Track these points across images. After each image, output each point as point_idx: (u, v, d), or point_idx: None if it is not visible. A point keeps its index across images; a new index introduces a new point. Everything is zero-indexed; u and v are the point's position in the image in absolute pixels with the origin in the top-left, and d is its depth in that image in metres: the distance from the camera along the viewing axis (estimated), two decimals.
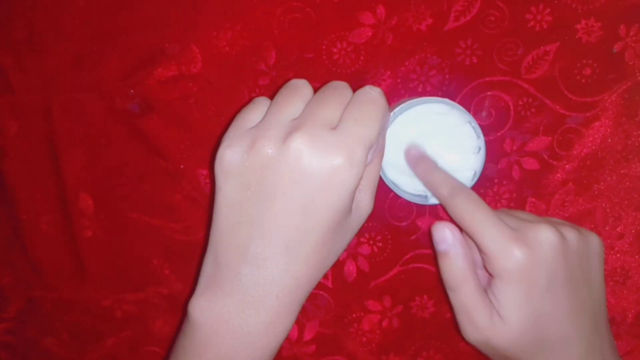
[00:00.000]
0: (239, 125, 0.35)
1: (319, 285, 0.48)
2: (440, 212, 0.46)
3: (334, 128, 0.33)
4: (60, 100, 0.49)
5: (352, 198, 0.34)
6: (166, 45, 0.46)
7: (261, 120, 0.35)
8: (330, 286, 0.48)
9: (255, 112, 0.36)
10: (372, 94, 0.35)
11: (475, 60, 0.44)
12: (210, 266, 0.36)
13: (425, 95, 0.44)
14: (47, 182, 0.50)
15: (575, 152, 0.44)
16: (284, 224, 0.33)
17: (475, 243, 0.35)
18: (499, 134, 0.45)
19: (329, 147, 0.32)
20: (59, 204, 0.50)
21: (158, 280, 0.51)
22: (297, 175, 0.33)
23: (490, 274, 0.35)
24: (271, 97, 0.46)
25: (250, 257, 0.34)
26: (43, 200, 0.51)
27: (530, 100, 0.44)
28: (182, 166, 0.48)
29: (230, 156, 0.34)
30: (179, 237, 0.50)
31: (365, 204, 0.37)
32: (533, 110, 0.44)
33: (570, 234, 0.35)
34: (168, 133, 0.48)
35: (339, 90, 0.36)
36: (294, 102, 0.35)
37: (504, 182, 0.45)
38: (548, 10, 0.43)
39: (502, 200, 0.45)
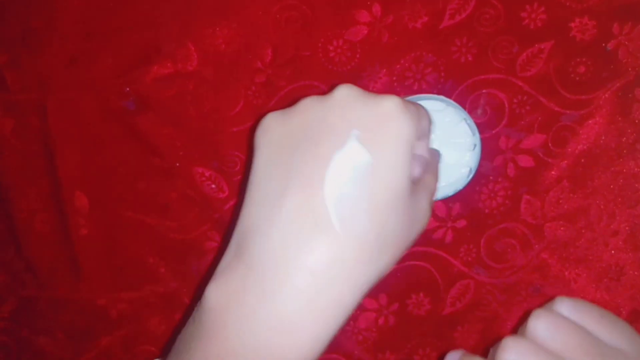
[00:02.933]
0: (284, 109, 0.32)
1: None
2: (437, 211, 0.46)
3: None
4: (55, 99, 0.48)
5: (410, 158, 0.29)
6: (162, 43, 0.46)
7: None
8: None
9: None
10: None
11: (470, 58, 0.44)
12: (236, 247, 0.30)
13: (421, 93, 0.44)
14: (42, 181, 0.50)
15: (569, 149, 0.45)
16: (332, 180, 0.28)
17: None
18: (494, 132, 0.45)
19: (378, 96, 0.30)
20: (54, 203, 0.50)
21: (153, 279, 0.50)
22: (347, 118, 0.29)
23: None
24: (267, 94, 0.46)
25: (287, 218, 0.28)
26: (38, 198, 0.50)
27: (525, 97, 0.44)
28: (177, 164, 0.48)
29: (274, 121, 0.31)
30: (174, 235, 0.50)
31: (423, 206, 0.31)
32: (528, 107, 0.44)
33: None
34: (164, 131, 0.48)
35: None
36: None
37: (499, 179, 0.45)
38: (542, 8, 0.43)
39: (497, 198, 0.45)
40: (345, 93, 0.30)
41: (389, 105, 0.29)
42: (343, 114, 0.29)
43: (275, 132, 0.30)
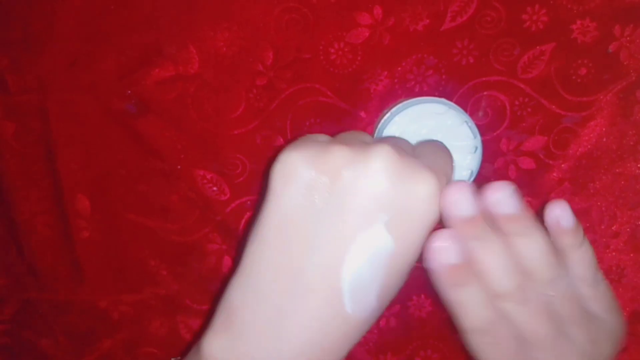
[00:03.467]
0: (307, 138, 0.30)
1: None
2: None
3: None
4: (56, 101, 0.48)
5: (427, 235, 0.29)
6: (163, 45, 0.46)
7: (333, 138, 0.30)
8: None
9: (323, 136, 0.31)
10: (439, 145, 0.33)
11: (471, 60, 0.44)
12: (237, 296, 0.28)
13: (422, 96, 0.44)
14: (43, 183, 0.50)
15: (571, 151, 0.45)
16: (352, 263, 0.27)
17: None
18: (495, 134, 0.45)
19: (413, 170, 0.27)
20: (55, 205, 0.50)
21: (155, 282, 0.50)
22: (378, 199, 0.27)
23: None
24: (269, 97, 0.46)
25: (299, 289, 0.27)
26: (39, 201, 0.50)
27: (527, 100, 0.44)
28: (179, 167, 0.48)
29: (298, 159, 0.27)
30: (175, 238, 0.50)
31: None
32: (529, 110, 0.44)
33: None
34: (165, 134, 0.48)
35: (404, 140, 0.33)
36: (363, 136, 0.31)
37: None
38: (544, 10, 0.43)
39: None
40: (383, 164, 0.27)
41: (425, 191, 0.27)
42: (375, 193, 0.27)
43: (299, 179, 0.27)
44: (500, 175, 0.45)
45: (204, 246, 0.49)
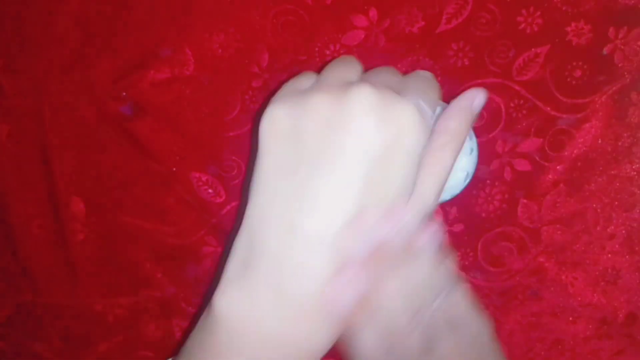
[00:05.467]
0: (289, 87, 0.31)
1: None
2: (434, 215, 0.46)
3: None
4: (51, 103, 0.48)
5: (416, 165, 0.29)
6: (159, 48, 0.46)
7: (316, 81, 0.31)
8: None
9: (306, 79, 0.31)
10: (427, 74, 0.33)
11: (467, 63, 0.44)
12: (244, 250, 0.29)
13: None
14: (38, 186, 0.50)
15: (566, 153, 0.45)
16: (344, 194, 0.27)
17: None
18: (490, 136, 0.45)
19: (394, 105, 0.28)
20: (50, 208, 0.50)
21: (150, 284, 0.50)
22: (361, 137, 0.27)
23: None
24: (265, 99, 0.46)
25: (299, 238, 0.27)
26: (34, 203, 0.50)
27: (522, 102, 0.44)
28: (174, 169, 0.48)
29: (282, 112, 0.28)
30: (171, 240, 0.49)
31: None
32: (524, 111, 0.44)
33: None
34: (160, 136, 0.48)
35: (392, 69, 0.33)
36: (349, 69, 0.31)
37: (496, 183, 0.45)
38: (539, 13, 0.43)
39: (494, 201, 0.45)
40: (363, 105, 0.27)
41: (408, 122, 0.28)
42: (360, 135, 0.27)
43: (285, 131, 0.28)
44: (496, 176, 0.45)
45: (200, 249, 0.49)
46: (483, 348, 0.34)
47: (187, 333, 0.33)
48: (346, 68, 0.32)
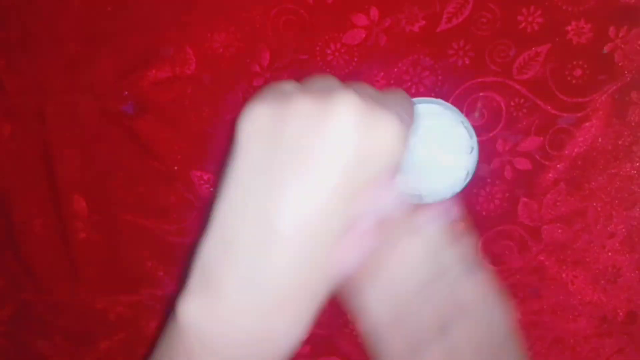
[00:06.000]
0: (272, 89, 0.30)
1: None
2: None
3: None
4: (53, 102, 0.48)
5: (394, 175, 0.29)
6: (160, 47, 0.46)
7: (300, 86, 0.30)
8: None
9: (289, 85, 0.30)
10: (402, 92, 0.33)
11: (467, 62, 0.44)
12: (215, 250, 0.28)
13: (418, 96, 0.44)
14: (41, 184, 0.50)
15: (566, 152, 0.45)
16: (316, 197, 0.27)
17: None
18: (491, 134, 0.45)
19: (377, 114, 0.27)
20: (52, 206, 0.50)
21: (152, 282, 0.50)
22: (340, 149, 0.27)
23: None
24: None
25: (271, 234, 0.27)
26: (36, 202, 0.50)
27: (522, 101, 0.44)
28: (176, 168, 0.48)
29: (263, 111, 0.27)
30: (173, 238, 0.50)
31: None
32: (525, 110, 0.44)
33: None
34: (162, 135, 0.48)
35: (369, 85, 0.33)
36: (331, 80, 0.31)
37: (497, 182, 0.45)
38: (539, 12, 0.43)
39: (495, 200, 0.46)
40: (346, 110, 0.27)
41: (389, 134, 0.27)
42: (340, 140, 0.27)
43: (264, 132, 0.28)
44: (496, 175, 0.45)
45: None
46: (499, 338, 0.33)
47: None
48: (328, 79, 0.32)
